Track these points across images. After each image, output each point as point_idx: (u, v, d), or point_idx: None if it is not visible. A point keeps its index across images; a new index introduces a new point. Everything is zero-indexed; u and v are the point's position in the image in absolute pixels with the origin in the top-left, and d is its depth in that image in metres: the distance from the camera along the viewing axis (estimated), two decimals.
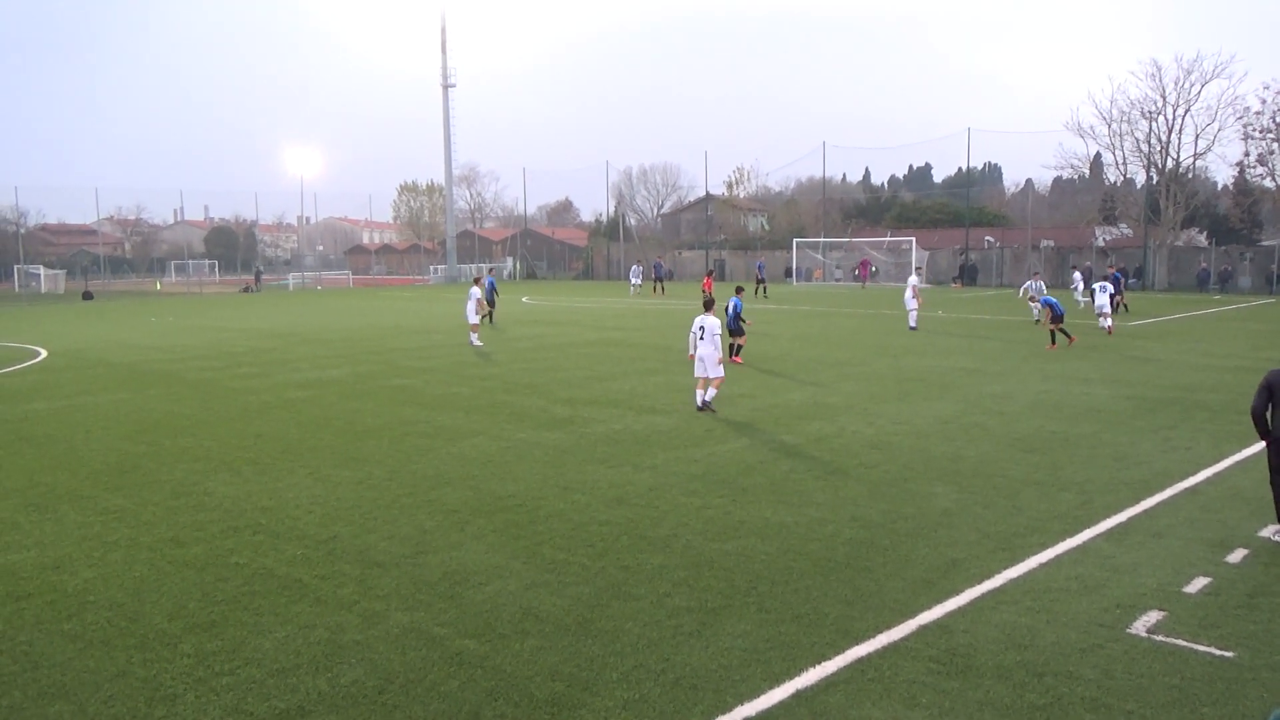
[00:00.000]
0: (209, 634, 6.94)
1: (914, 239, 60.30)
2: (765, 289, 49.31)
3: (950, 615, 7.07)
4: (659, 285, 54.20)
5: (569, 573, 8.08)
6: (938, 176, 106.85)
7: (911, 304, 29.45)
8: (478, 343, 26.49)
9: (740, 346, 21.59)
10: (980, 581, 7.73)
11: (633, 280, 55.87)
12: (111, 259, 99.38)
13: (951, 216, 70.84)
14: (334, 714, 5.76)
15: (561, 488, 10.84)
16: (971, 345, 24.89)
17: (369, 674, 6.27)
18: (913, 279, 31.65)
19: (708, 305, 16.26)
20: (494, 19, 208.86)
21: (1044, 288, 32.17)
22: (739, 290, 22.48)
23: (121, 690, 6.10)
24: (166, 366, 23.19)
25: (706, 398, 15.39)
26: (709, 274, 37.04)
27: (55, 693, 6.10)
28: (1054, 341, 24.03)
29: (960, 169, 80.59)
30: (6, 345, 29.82)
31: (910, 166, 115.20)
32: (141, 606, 7.51)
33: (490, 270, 39.00)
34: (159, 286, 78.71)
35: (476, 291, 27.19)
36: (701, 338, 15.30)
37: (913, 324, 29.45)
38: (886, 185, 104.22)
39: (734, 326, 21.22)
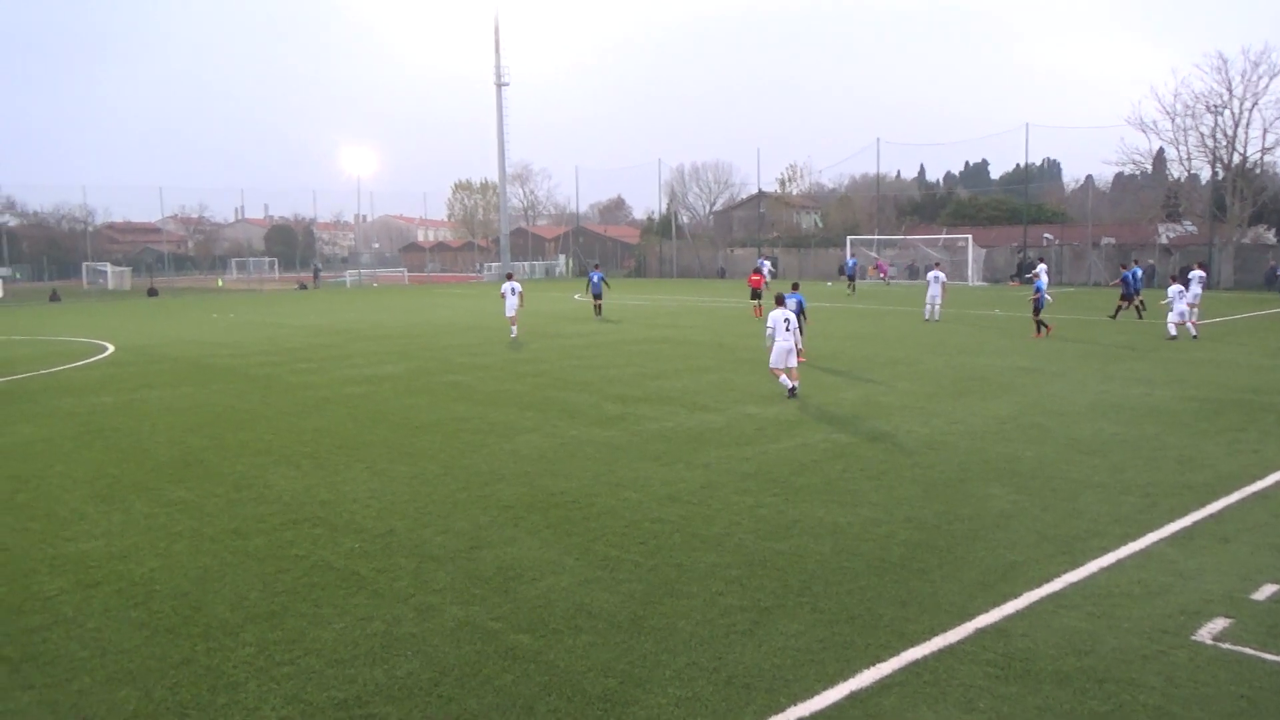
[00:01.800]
0: (270, 624, 7.08)
1: (970, 236, 59.38)
2: (854, 286, 49.58)
3: (1008, 619, 6.96)
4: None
5: (622, 569, 8.11)
6: (995, 173, 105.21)
7: (938, 298, 31.46)
8: (514, 331, 27.96)
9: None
10: (1039, 585, 7.60)
11: (765, 271, 55.82)
12: (175, 256, 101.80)
13: (1009, 213, 69.61)
14: (390, 705, 5.85)
15: (614, 485, 10.87)
16: (1029, 344, 24.48)
17: (424, 666, 6.34)
18: (939, 274, 32.54)
19: (779, 300, 17.33)
20: (546, 19, 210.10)
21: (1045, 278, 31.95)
22: (795, 286, 22.32)
23: (186, 677, 6.25)
24: (228, 362, 23.68)
25: (795, 385, 16.48)
26: (756, 271, 37.26)
27: (123, 678, 6.26)
28: (1040, 331, 26.19)
29: (1018, 165, 79.36)
30: (75, 340, 30.69)
31: (966, 163, 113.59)
32: (205, 596, 7.69)
33: (596, 266, 40.19)
34: (221, 283, 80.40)
35: (518, 286, 28.73)
36: (788, 329, 16.33)
37: (934, 316, 31.27)
38: (942, 182, 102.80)
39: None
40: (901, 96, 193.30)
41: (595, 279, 36.56)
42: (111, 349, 27.53)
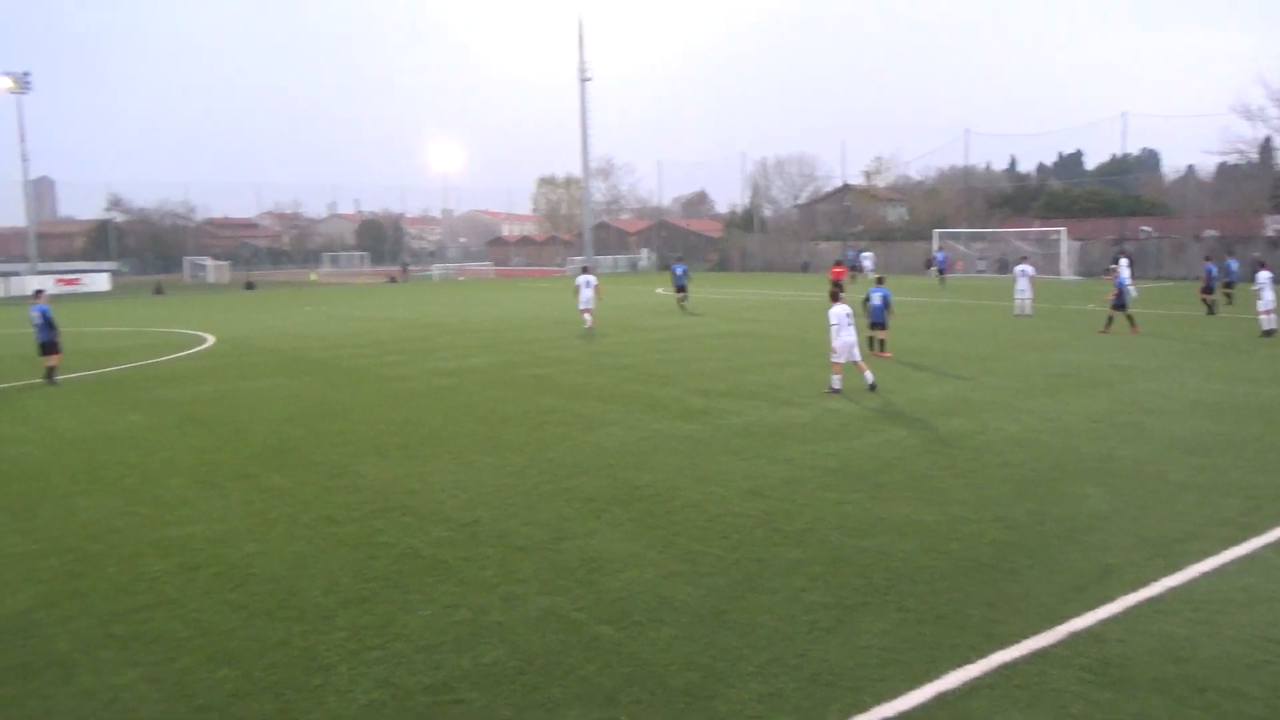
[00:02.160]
0: (361, 609, 7.28)
1: (1064, 229, 57.70)
2: (944, 279, 49.15)
3: (1103, 623, 6.76)
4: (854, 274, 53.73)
5: (704, 563, 8.11)
6: (1090, 164, 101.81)
7: (1027, 293, 30.69)
8: (589, 322, 28.13)
9: (884, 341, 21.11)
10: (1136, 589, 7.36)
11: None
12: (271, 251, 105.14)
13: (1105, 205, 67.41)
14: (477, 691, 5.95)
15: (697, 478, 10.87)
16: (1125, 340, 23.66)
17: (510, 654, 6.44)
18: (1028, 268, 31.56)
19: (835, 297, 17.02)
20: (630, 16, 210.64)
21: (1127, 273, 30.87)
22: (880, 280, 22.02)
23: (282, 659, 6.46)
24: (321, 354, 24.35)
25: (871, 377, 16.44)
26: (837, 263, 36.86)
27: (222, 658, 6.50)
28: (1108, 327, 25.24)
29: (1114, 155, 76.77)
30: (178, 332, 31.90)
31: (1059, 154, 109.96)
32: (299, 580, 7.94)
33: (679, 259, 40.45)
34: (314, 277, 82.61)
35: (594, 280, 28.89)
36: (849, 324, 16.28)
37: (1025, 311, 30.53)
38: (1034, 173, 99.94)
39: (879, 319, 20.74)
40: (992, 86, 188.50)
41: (678, 272, 36.70)
42: (211, 340, 28.54)
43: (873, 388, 16.19)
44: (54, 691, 6.10)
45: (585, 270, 30.69)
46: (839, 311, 16.33)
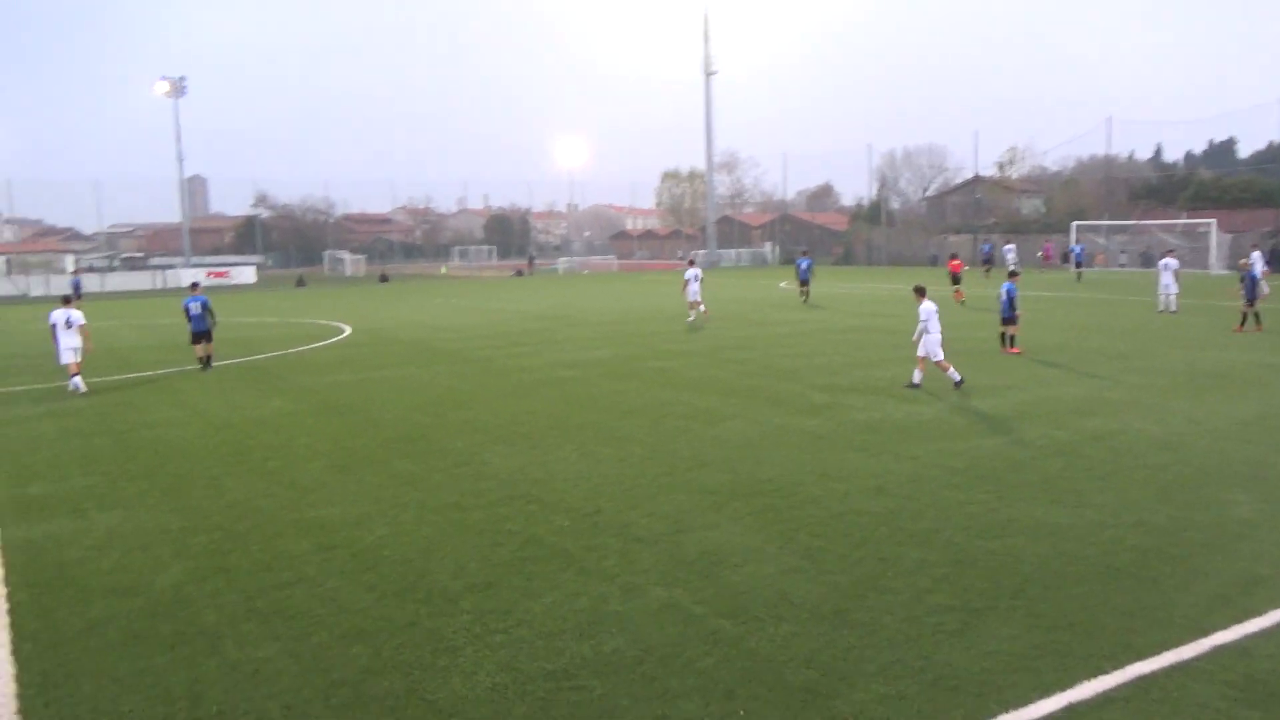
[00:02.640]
0: (486, 594, 7.48)
1: (1214, 221, 54.52)
2: (1081, 275, 47.48)
3: (1251, 637, 6.39)
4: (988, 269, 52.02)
5: (825, 561, 8.02)
6: (1244, 151, 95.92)
7: (1172, 288, 28.89)
8: (692, 317, 29.00)
9: (1014, 336, 20.51)
10: None
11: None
12: (404, 245, 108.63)
13: (1260, 196, 63.32)
14: (596, 679, 6.04)
15: (819, 474, 10.75)
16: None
17: (629, 644, 6.51)
18: (1172, 261, 29.73)
19: (922, 292, 16.53)
20: (756, 7, 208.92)
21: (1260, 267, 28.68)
22: (1013, 275, 21.35)
23: (411, 639, 6.70)
24: (450, 344, 25.06)
25: (958, 376, 16.03)
26: (953, 256, 35.91)
27: (355, 636, 6.78)
28: (1243, 324, 23.66)
29: (1271, 142, 72.11)
30: (318, 323, 33.33)
31: (1210, 141, 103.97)
32: (428, 564, 8.20)
33: (804, 252, 40.15)
34: (444, 270, 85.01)
35: (700, 273, 29.73)
36: (935, 320, 16.05)
37: (1170, 307, 28.76)
38: (1182, 162, 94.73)
39: (1008, 315, 20.26)
40: (1136, 72, 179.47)
41: (803, 266, 36.45)
42: (348, 331, 29.73)
43: (959, 383, 15.88)
44: (202, 661, 6.48)
45: (691, 264, 30.96)
46: (928, 308, 16.05)
